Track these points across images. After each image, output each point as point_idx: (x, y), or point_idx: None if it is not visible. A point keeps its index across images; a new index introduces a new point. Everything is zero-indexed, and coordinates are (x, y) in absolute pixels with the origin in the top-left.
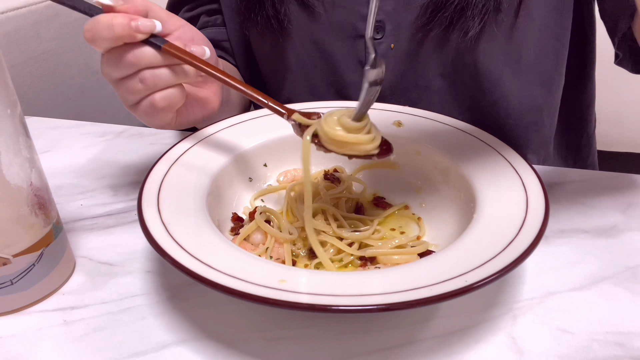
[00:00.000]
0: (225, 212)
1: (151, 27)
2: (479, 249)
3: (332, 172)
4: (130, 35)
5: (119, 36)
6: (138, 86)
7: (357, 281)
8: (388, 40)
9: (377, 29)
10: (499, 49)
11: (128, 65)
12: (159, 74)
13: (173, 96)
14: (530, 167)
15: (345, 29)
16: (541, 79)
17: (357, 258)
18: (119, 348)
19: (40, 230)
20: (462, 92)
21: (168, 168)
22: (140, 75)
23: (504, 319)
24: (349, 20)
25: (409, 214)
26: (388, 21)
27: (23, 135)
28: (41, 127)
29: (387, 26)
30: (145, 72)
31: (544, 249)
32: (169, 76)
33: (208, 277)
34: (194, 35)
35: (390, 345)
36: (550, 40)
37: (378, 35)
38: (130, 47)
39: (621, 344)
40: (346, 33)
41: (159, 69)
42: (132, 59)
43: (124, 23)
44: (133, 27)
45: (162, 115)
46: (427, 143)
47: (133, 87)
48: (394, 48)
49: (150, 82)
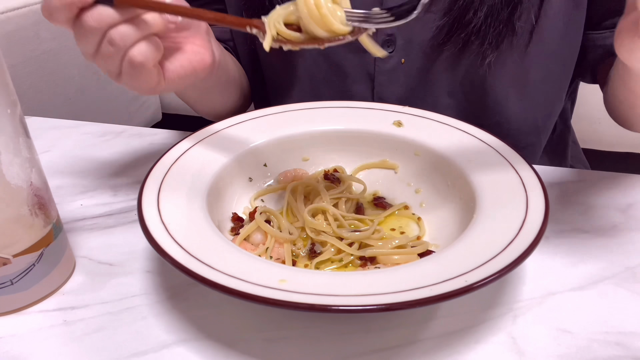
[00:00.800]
0: (225, 212)
1: None
2: (479, 249)
3: (332, 172)
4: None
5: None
6: (110, 49)
7: (357, 281)
8: (399, 55)
9: (388, 43)
10: (509, 72)
11: (92, 31)
12: (124, 30)
13: (148, 48)
14: (530, 167)
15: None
16: (544, 102)
17: (357, 258)
18: (119, 348)
19: (40, 230)
20: (467, 111)
21: (168, 168)
22: (107, 37)
23: (504, 319)
24: None
25: (409, 214)
26: (399, 36)
27: (23, 135)
28: (41, 127)
29: (397, 41)
30: (111, 32)
31: (544, 249)
32: (135, 30)
33: (208, 277)
34: None
35: (390, 345)
36: (556, 65)
37: (389, 50)
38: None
39: (621, 344)
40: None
41: (122, 25)
42: (92, 22)
43: None
44: None
45: (145, 74)
46: (427, 143)
47: (106, 53)
48: (405, 63)
49: (118, 40)
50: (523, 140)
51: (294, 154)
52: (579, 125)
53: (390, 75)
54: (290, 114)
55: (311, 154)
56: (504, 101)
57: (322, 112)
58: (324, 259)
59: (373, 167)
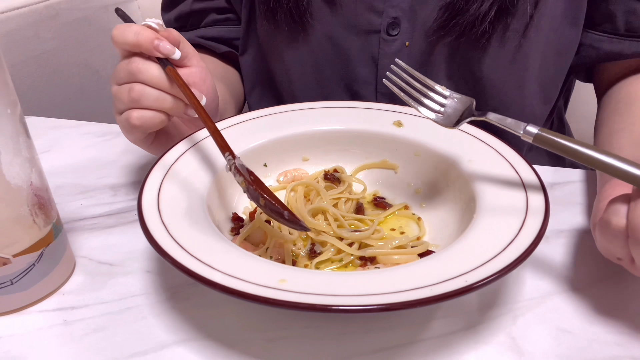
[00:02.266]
0: (225, 212)
1: (170, 50)
2: (479, 249)
3: (332, 172)
4: (149, 49)
5: (139, 43)
6: (125, 95)
7: (357, 281)
8: (403, 37)
9: (393, 26)
10: (508, 58)
11: (130, 72)
12: (148, 91)
13: (148, 119)
14: (530, 167)
15: (360, 23)
16: (540, 90)
17: (357, 258)
18: (119, 348)
19: (40, 230)
20: None
21: (168, 168)
22: (132, 85)
23: (504, 319)
24: (365, 15)
25: (409, 214)
26: (404, 19)
27: (23, 135)
28: (41, 127)
29: (402, 24)
30: (137, 84)
31: (544, 249)
32: (156, 98)
33: (208, 277)
34: (206, 79)
35: (390, 345)
36: (553, 53)
37: (394, 32)
38: (141, 59)
39: (621, 344)
40: (361, 27)
41: (150, 87)
42: (135, 67)
43: (149, 36)
44: (155, 44)
45: (134, 133)
46: (427, 143)
47: (121, 94)
48: (409, 46)
49: (135, 94)
50: None
51: (294, 154)
52: (579, 125)
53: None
54: (290, 114)
55: (311, 154)
56: (502, 88)
57: (322, 112)
58: (324, 259)
59: (373, 167)
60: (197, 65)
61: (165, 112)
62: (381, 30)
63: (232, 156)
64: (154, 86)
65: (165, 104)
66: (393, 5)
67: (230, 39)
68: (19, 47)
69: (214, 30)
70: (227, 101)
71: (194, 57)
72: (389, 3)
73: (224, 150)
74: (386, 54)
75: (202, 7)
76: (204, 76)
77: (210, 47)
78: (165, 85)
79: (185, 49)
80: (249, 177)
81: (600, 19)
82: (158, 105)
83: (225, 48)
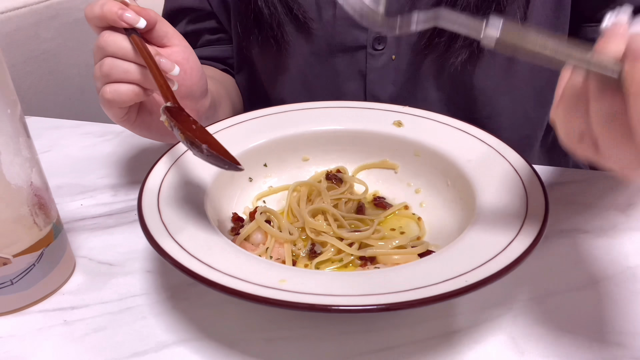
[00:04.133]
0: (225, 212)
1: (134, 19)
2: (479, 249)
3: (335, 173)
4: (113, 19)
5: (103, 14)
6: (97, 71)
7: (357, 281)
8: (390, 51)
9: (379, 40)
10: (499, 66)
11: (99, 47)
12: (116, 63)
13: (121, 92)
14: (530, 167)
15: (345, 40)
16: (534, 94)
17: (357, 258)
18: (119, 348)
19: (40, 230)
20: (457, 105)
21: (168, 168)
22: (102, 60)
23: (504, 319)
24: (349, 32)
25: (409, 214)
26: None
27: (23, 135)
28: (41, 127)
29: (388, 38)
30: (106, 59)
31: (544, 249)
32: (125, 70)
33: (208, 277)
34: (189, 58)
35: (390, 345)
36: None
37: (379, 47)
38: (108, 32)
39: (621, 344)
40: (347, 44)
41: (119, 60)
42: (103, 42)
43: (112, 7)
44: (119, 13)
45: (111, 108)
46: (427, 143)
47: (95, 72)
48: (395, 59)
49: (105, 69)
50: (517, 132)
51: (294, 154)
52: None
53: (382, 72)
54: (290, 114)
55: (311, 154)
56: (493, 95)
57: (322, 112)
58: (324, 259)
59: (373, 167)
60: (180, 45)
61: (138, 84)
62: (367, 46)
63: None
64: (123, 57)
65: (135, 76)
66: None
67: (225, 58)
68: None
69: (208, 50)
70: (223, 96)
71: (174, 36)
72: None
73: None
74: (373, 69)
75: (195, 29)
76: (187, 55)
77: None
78: (132, 55)
79: (163, 27)
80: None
81: (591, 13)
82: (128, 77)
83: (222, 66)
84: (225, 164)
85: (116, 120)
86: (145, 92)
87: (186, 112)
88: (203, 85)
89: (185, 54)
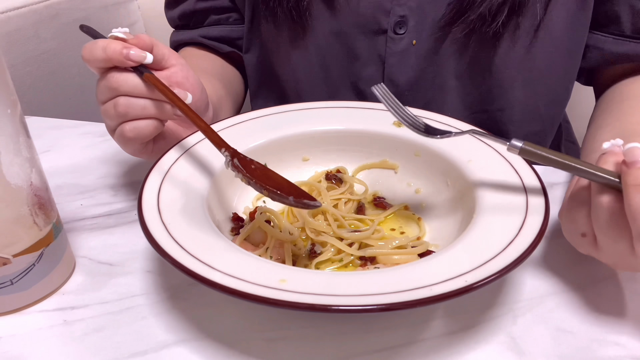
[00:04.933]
0: (225, 212)
1: (141, 56)
2: (479, 249)
3: (335, 173)
4: (120, 60)
5: (109, 58)
6: (112, 112)
7: (357, 281)
8: (410, 36)
9: (400, 24)
10: (517, 57)
11: (110, 88)
12: (133, 102)
13: (142, 128)
14: (530, 167)
15: (368, 22)
16: (547, 91)
17: (357, 258)
18: (119, 348)
19: (40, 230)
20: (472, 95)
21: (168, 168)
22: (116, 100)
23: (504, 319)
24: (372, 14)
25: (409, 214)
26: (411, 17)
27: (23, 135)
28: (41, 127)
29: (410, 22)
30: (120, 98)
31: (544, 249)
32: (142, 107)
33: (208, 277)
34: (188, 76)
35: (390, 345)
36: (561, 55)
37: (401, 31)
38: (117, 72)
39: (621, 344)
40: (369, 27)
41: (134, 98)
42: (114, 82)
43: (116, 48)
44: (124, 53)
45: (132, 145)
46: (427, 143)
47: (108, 112)
48: (416, 45)
49: (122, 108)
50: (526, 127)
51: (294, 154)
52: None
53: (401, 57)
54: (290, 114)
55: (311, 154)
56: (509, 87)
57: (322, 112)
58: (324, 259)
59: (373, 167)
60: (177, 64)
61: (156, 117)
62: (388, 29)
63: (228, 151)
64: (137, 95)
65: (152, 111)
66: (401, 4)
67: (233, 39)
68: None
69: (216, 29)
70: (223, 96)
71: (171, 56)
72: (397, 2)
73: (219, 147)
74: (393, 53)
75: (206, 7)
76: (186, 73)
77: (214, 47)
78: (147, 92)
79: (160, 50)
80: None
81: (605, 21)
82: (146, 113)
83: (228, 48)
84: (309, 206)
85: (135, 155)
86: (162, 123)
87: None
88: (205, 99)
89: (184, 72)
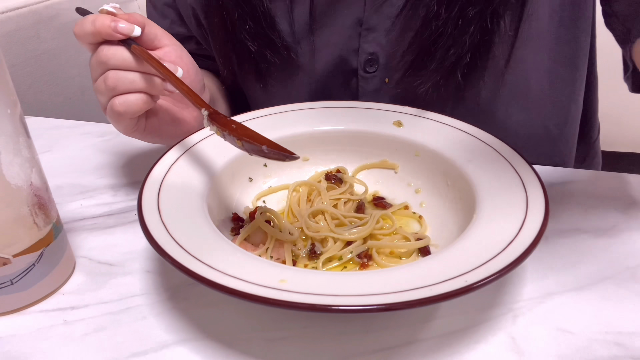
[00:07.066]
0: (225, 212)
1: (130, 29)
2: (479, 249)
3: (335, 173)
4: (108, 33)
5: (97, 31)
6: (102, 86)
7: (357, 281)
8: (381, 74)
9: (371, 62)
10: (503, 84)
11: (99, 62)
12: (122, 75)
13: (131, 102)
14: (530, 167)
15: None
16: (555, 110)
17: (356, 257)
18: (119, 348)
19: (40, 230)
20: None
21: (168, 168)
22: (105, 74)
23: (504, 319)
24: (342, 55)
25: (410, 213)
26: (382, 55)
27: (23, 135)
28: (41, 127)
29: (380, 60)
30: (110, 72)
31: (544, 249)
32: (131, 80)
33: (208, 277)
34: (182, 55)
35: (390, 345)
36: (563, 68)
37: (371, 69)
38: (106, 46)
39: (621, 344)
40: (340, 67)
41: (123, 71)
42: (103, 56)
43: (105, 21)
44: (112, 26)
45: (123, 120)
46: (427, 143)
47: (99, 87)
48: (389, 82)
49: (111, 82)
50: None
51: None
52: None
53: (375, 96)
54: (290, 114)
55: (311, 154)
56: (505, 115)
57: (322, 112)
58: (330, 255)
59: (373, 167)
60: (170, 44)
61: (146, 91)
62: (358, 68)
63: (207, 110)
64: (126, 69)
65: (142, 84)
66: (368, 41)
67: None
68: (19, 47)
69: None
70: (215, 90)
71: (164, 36)
72: (364, 39)
73: (201, 107)
74: (365, 92)
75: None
76: (180, 53)
77: None
78: (136, 65)
79: (152, 29)
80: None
81: None
82: (135, 86)
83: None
84: (285, 157)
85: (127, 132)
86: (152, 98)
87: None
88: (200, 80)
89: (177, 52)
